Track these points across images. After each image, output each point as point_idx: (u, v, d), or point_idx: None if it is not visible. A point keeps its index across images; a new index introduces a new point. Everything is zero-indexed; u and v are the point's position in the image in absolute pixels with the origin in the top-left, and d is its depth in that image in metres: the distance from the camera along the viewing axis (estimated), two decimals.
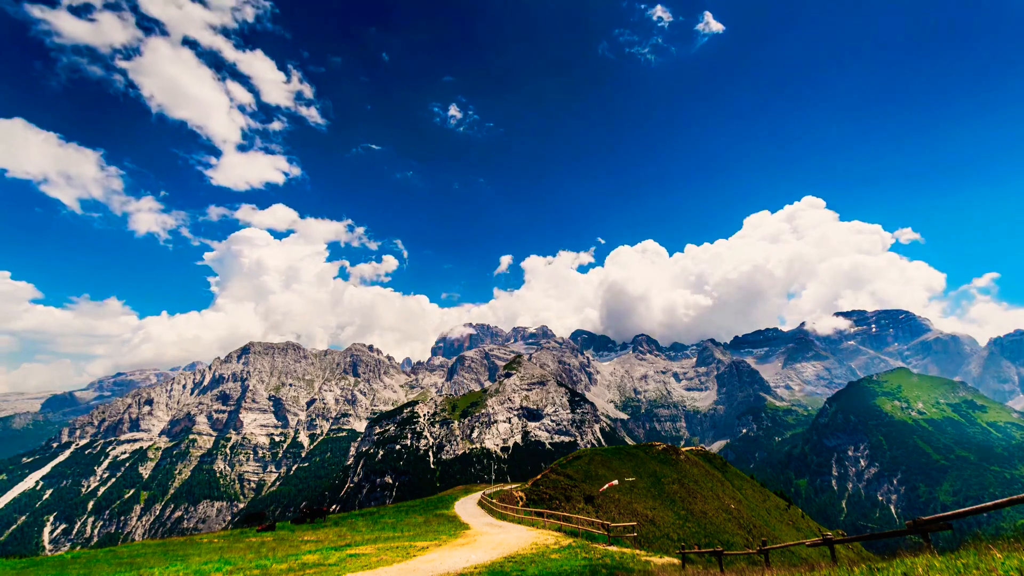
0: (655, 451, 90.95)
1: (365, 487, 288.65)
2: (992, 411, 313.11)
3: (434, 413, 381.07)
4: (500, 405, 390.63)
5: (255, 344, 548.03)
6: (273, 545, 28.63)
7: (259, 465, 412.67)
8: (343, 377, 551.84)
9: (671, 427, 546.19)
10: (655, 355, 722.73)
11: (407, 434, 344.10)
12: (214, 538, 35.64)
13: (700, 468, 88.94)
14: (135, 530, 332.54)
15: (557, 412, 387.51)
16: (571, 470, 71.34)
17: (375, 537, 29.62)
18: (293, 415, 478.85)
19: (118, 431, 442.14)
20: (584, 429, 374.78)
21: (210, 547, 29.82)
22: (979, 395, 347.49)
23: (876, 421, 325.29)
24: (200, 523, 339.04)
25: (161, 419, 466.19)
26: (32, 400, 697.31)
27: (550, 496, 54.23)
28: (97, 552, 30.41)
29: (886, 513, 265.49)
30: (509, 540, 24.97)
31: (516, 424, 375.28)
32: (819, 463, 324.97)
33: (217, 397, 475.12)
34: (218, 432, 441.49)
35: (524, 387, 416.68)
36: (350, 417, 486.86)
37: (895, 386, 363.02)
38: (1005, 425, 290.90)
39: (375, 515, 48.81)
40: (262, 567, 19.16)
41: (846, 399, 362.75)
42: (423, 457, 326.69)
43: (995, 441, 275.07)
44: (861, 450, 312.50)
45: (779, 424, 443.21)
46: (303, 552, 23.86)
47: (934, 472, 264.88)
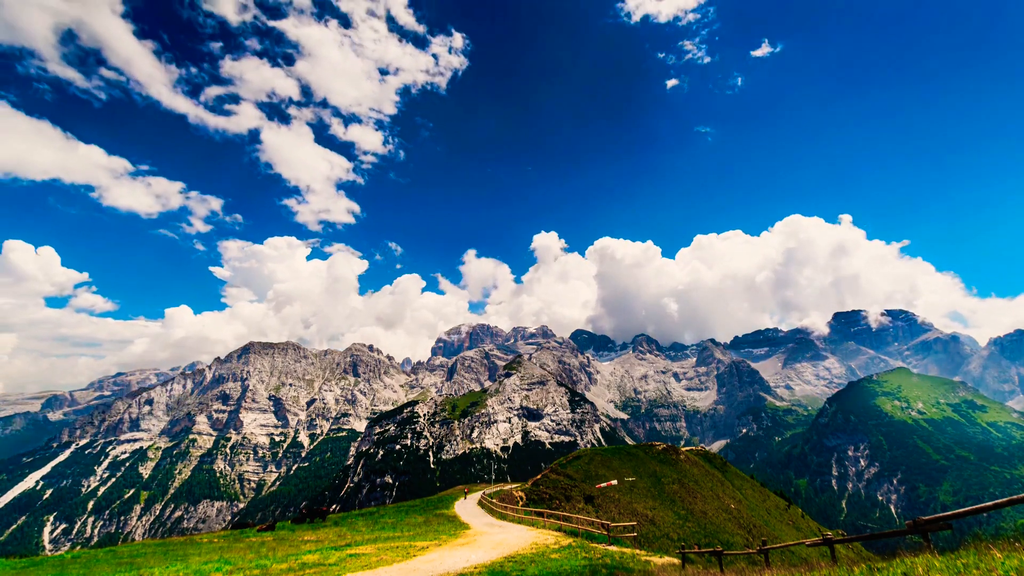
0: (655, 451, 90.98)
1: (365, 487, 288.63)
2: (992, 411, 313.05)
3: (434, 413, 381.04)
4: (500, 405, 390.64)
5: (255, 344, 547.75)
6: (273, 545, 28.63)
7: (259, 465, 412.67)
8: (343, 377, 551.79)
9: (671, 427, 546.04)
10: (655, 355, 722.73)
11: (407, 434, 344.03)
12: (214, 538, 35.64)
13: (700, 468, 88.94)
14: (135, 530, 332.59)
15: (557, 412, 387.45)
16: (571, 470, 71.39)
17: (375, 537, 29.61)
18: (293, 415, 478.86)
19: (118, 431, 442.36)
20: (584, 429, 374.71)
21: (210, 547, 29.83)
22: (979, 395, 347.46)
23: (876, 421, 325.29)
24: (200, 523, 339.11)
25: (161, 419, 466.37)
26: (32, 400, 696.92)
27: (550, 496, 54.24)
28: (97, 552, 30.41)
29: (886, 513, 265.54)
30: (509, 540, 24.96)
31: (516, 424, 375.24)
32: (819, 463, 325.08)
33: (217, 397, 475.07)
34: (218, 432, 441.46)
35: (524, 387, 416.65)
36: (350, 417, 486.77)
37: (895, 386, 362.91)
38: (1005, 425, 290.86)
39: (375, 515, 48.83)
40: (262, 567, 19.16)
41: (846, 399, 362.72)
42: (423, 457, 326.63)
43: (995, 441, 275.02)
44: (861, 450, 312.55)
45: (779, 424, 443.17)
46: (303, 552, 23.86)
47: (934, 472, 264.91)
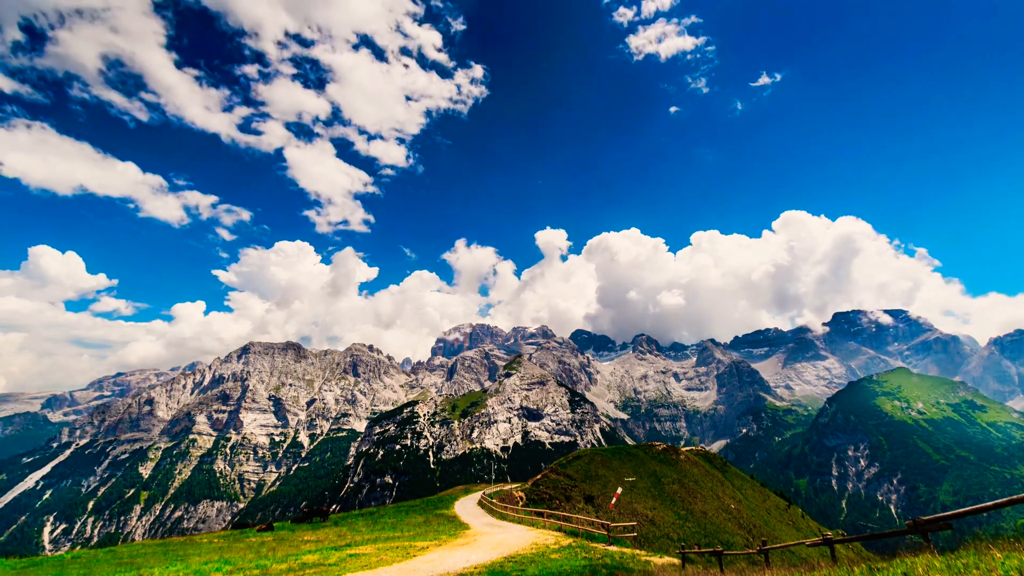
0: (655, 451, 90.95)
1: (365, 487, 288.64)
2: (992, 411, 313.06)
3: (434, 413, 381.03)
4: (500, 405, 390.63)
5: (255, 344, 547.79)
6: (273, 545, 28.63)
7: (259, 465, 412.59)
8: (343, 377, 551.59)
9: (671, 427, 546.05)
10: (655, 355, 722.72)
11: (407, 434, 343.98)
12: (214, 538, 35.63)
13: (700, 468, 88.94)
14: (135, 530, 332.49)
15: (557, 412, 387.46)
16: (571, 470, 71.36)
17: (375, 537, 29.61)
18: (293, 415, 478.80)
19: (118, 431, 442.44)
20: (584, 429, 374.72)
21: (210, 547, 29.83)
22: (979, 395, 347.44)
23: (876, 421, 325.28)
24: (200, 523, 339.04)
25: (161, 419, 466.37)
26: (32, 400, 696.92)
27: (550, 496, 54.23)
28: (97, 552, 30.40)
29: (886, 513, 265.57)
30: (509, 540, 24.96)
31: (516, 424, 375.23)
32: (819, 463, 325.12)
33: (217, 397, 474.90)
34: (218, 432, 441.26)
35: (524, 387, 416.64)
36: (350, 417, 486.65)
37: (895, 386, 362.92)
38: (1005, 425, 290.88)
39: (375, 515, 48.80)
40: (262, 567, 19.17)
41: (846, 399, 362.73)
42: (423, 457, 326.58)
43: (995, 441, 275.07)
44: (861, 450, 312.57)
45: (779, 424, 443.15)
46: (303, 552, 23.87)
47: (934, 472, 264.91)
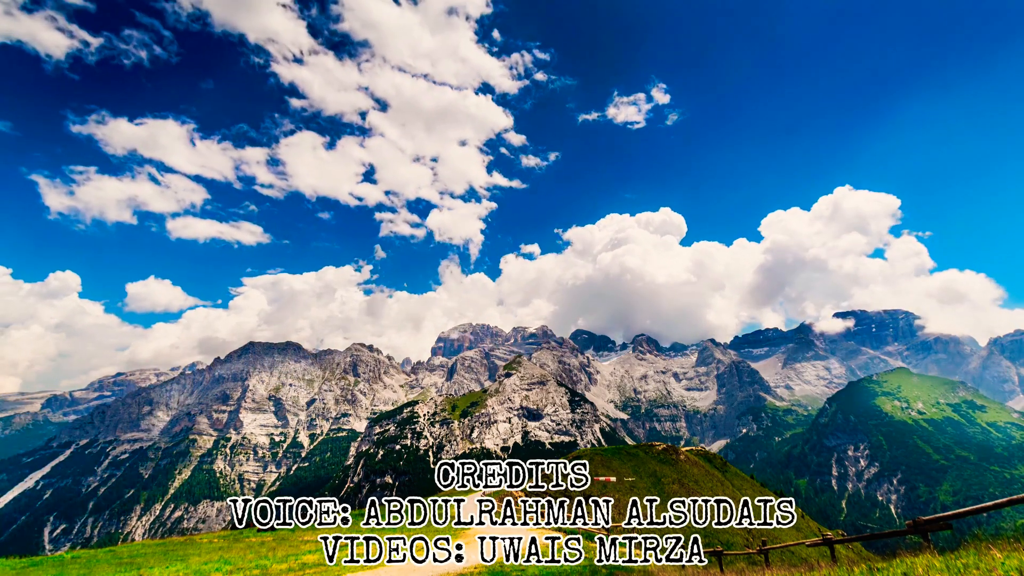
0: (655, 451, 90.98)
1: (365, 487, 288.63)
2: (992, 411, 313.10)
3: (434, 413, 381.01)
4: (500, 405, 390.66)
5: (255, 344, 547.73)
6: (273, 545, 28.63)
7: (259, 465, 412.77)
8: (343, 377, 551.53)
9: (671, 427, 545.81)
10: (655, 355, 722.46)
11: (407, 434, 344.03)
12: (214, 538, 35.63)
13: (700, 468, 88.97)
14: (135, 530, 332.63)
15: (557, 412, 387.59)
16: None
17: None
18: (293, 415, 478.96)
19: (118, 431, 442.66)
20: (584, 429, 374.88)
21: (210, 547, 29.83)
22: (979, 395, 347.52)
23: (876, 421, 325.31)
24: (200, 523, 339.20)
25: (161, 419, 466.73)
26: (32, 400, 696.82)
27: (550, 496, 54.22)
28: (97, 552, 30.40)
29: (886, 513, 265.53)
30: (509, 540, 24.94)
31: (516, 424, 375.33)
32: (819, 463, 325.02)
33: (217, 397, 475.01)
34: (218, 432, 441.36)
35: (524, 387, 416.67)
36: (350, 417, 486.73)
37: (895, 386, 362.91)
38: (1005, 425, 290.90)
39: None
40: (262, 567, 19.17)
41: (846, 399, 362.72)
42: (423, 457, 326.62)
43: (995, 441, 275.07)
44: (861, 450, 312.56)
45: (779, 424, 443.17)
46: (303, 552, 23.87)
47: (934, 472, 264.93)
